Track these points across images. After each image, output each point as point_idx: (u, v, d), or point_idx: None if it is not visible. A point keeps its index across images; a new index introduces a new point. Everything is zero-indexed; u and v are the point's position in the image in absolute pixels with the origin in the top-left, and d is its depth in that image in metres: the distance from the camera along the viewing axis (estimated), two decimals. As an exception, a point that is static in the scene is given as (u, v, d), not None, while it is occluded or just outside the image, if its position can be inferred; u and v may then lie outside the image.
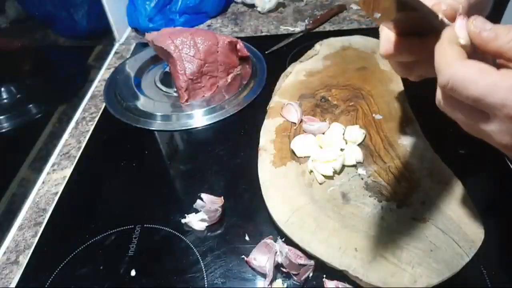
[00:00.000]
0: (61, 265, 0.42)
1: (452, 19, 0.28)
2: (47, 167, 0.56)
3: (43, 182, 0.54)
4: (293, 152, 0.50)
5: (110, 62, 0.79)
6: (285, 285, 0.38)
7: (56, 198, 0.51)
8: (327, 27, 0.83)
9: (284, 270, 0.39)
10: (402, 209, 0.41)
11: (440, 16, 0.28)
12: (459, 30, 0.27)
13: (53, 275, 0.41)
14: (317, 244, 0.39)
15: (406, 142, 0.49)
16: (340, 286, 0.37)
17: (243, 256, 0.40)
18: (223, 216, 0.45)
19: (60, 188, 0.52)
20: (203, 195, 0.45)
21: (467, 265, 0.36)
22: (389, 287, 0.35)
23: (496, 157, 0.49)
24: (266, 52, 0.74)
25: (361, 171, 0.46)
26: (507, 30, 0.25)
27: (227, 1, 0.93)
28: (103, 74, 0.75)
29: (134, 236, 0.44)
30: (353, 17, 0.86)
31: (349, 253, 0.38)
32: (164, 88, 0.68)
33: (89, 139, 0.60)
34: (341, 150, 0.48)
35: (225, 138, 0.56)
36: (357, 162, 0.47)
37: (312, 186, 0.45)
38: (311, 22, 0.83)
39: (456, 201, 0.41)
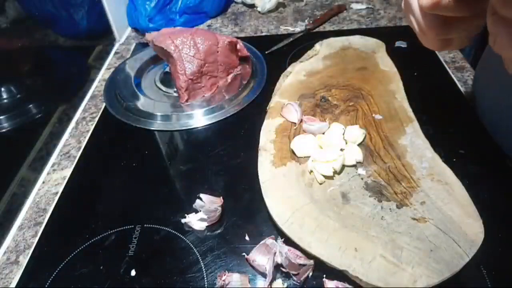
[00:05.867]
0: (61, 265, 0.42)
1: None
2: (47, 167, 0.56)
3: (43, 182, 0.54)
4: (293, 152, 0.50)
5: (110, 62, 0.79)
6: (285, 285, 0.38)
7: (56, 198, 0.51)
8: (327, 27, 0.83)
9: (284, 270, 0.39)
10: (402, 209, 0.41)
11: None
12: None
13: (53, 275, 0.41)
14: (317, 244, 0.39)
15: (406, 142, 0.49)
16: (340, 286, 0.37)
17: (243, 254, 0.40)
18: (223, 216, 0.45)
19: (60, 188, 0.52)
20: (202, 195, 0.45)
21: (467, 265, 0.36)
22: (389, 287, 0.35)
23: (496, 157, 0.49)
24: (266, 52, 0.74)
25: (361, 171, 0.46)
26: None
27: (227, 1, 0.93)
28: (103, 74, 0.75)
29: (134, 236, 0.44)
30: (353, 17, 0.86)
31: (349, 253, 0.38)
32: (164, 88, 0.68)
33: (89, 139, 0.60)
34: (341, 150, 0.48)
35: (225, 138, 0.56)
36: (357, 162, 0.47)
37: (312, 186, 0.45)
38: (311, 22, 0.83)
39: (456, 201, 0.41)
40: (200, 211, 0.44)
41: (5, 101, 0.52)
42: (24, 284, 0.41)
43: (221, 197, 0.46)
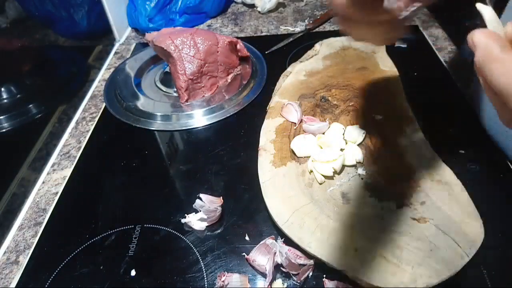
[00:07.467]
0: (61, 265, 0.42)
1: None
2: (47, 167, 0.56)
3: (43, 182, 0.54)
4: (293, 152, 0.50)
5: (110, 62, 0.79)
6: (285, 285, 0.38)
7: (56, 198, 0.51)
8: (327, 27, 0.83)
9: (284, 270, 0.39)
10: (402, 209, 0.41)
11: None
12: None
13: (53, 275, 0.41)
14: (317, 244, 0.39)
15: (406, 142, 0.49)
16: (340, 286, 0.37)
17: (243, 254, 0.40)
18: (223, 216, 0.45)
19: (60, 188, 0.52)
20: (202, 195, 0.45)
21: (467, 265, 0.36)
22: (389, 287, 0.35)
23: (496, 157, 0.49)
24: (266, 52, 0.74)
25: (361, 171, 0.46)
26: None
27: (227, 1, 0.93)
28: (103, 74, 0.75)
29: (134, 236, 0.44)
30: (353, 17, 0.86)
31: (349, 253, 0.38)
32: (164, 88, 0.68)
33: (89, 139, 0.59)
34: (341, 150, 0.48)
35: (225, 138, 0.56)
36: (357, 162, 0.47)
37: (312, 186, 0.45)
38: (311, 22, 0.83)
39: (456, 201, 0.41)
40: (200, 211, 0.44)
41: (5, 101, 0.52)
42: (24, 284, 0.41)
43: (221, 197, 0.46)
